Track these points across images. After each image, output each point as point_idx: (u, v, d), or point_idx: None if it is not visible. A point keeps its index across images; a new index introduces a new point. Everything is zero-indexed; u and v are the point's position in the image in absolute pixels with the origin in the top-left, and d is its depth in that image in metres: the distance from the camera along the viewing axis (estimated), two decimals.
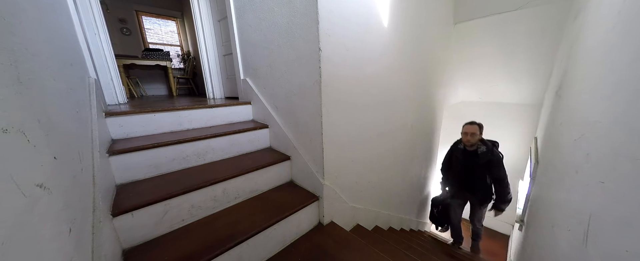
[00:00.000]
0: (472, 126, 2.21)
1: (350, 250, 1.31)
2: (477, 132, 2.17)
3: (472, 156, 2.23)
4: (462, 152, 2.32)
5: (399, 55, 1.80)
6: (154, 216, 1.10)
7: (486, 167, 2.16)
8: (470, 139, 2.19)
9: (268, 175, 1.55)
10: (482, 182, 2.23)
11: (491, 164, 2.13)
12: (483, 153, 2.16)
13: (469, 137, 2.19)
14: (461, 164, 2.33)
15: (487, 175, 2.20)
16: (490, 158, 2.11)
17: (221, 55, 2.48)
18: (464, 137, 2.24)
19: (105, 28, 1.70)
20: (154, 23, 4.34)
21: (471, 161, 2.23)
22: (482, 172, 2.20)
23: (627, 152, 0.55)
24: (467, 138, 2.20)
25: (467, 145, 2.23)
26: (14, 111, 0.49)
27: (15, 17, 0.59)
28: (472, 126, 2.20)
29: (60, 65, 0.85)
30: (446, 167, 2.62)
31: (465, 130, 2.23)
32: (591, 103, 0.84)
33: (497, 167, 2.13)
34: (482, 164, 2.15)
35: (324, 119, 1.33)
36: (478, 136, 2.19)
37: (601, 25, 0.91)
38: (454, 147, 2.44)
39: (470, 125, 2.22)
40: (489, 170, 2.17)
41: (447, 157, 2.55)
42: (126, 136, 1.42)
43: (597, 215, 0.66)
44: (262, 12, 1.49)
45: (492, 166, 2.14)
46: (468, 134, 2.19)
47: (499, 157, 2.14)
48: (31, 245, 0.47)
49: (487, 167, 2.16)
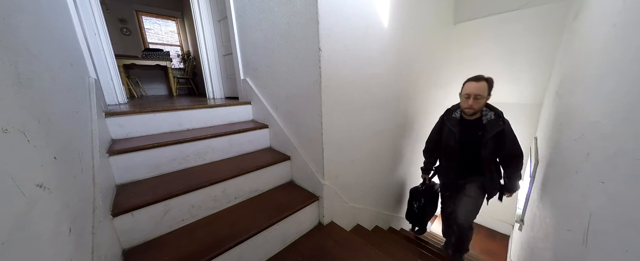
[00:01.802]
0: (478, 84, 1.43)
1: (350, 249, 1.31)
2: (484, 94, 1.44)
3: (474, 128, 1.55)
4: (459, 123, 1.62)
5: (399, 55, 1.80)
6: (154, 217, 1.10)
7: (496, 142, 1.50)
8: (474, 105, 1.46)
9: (268, 175, 1.55)
10: (489, 165, 1.58)
11: (504, 137, 1.48)
12: (491, 122, 1.49)
13: (471, 102, 1.46)
14: (457, 141, 1.62)
15: (495, 154, 1.56)
16: (503, 128, 1.47)
17: (221, 55, 2.48)
18: (465, 102, 1.49)
19: (105, 28, 1.70)
20: (154, 23, 4.34)
21: (473, 135, 1.55)
22: (491, 149, 1.52)
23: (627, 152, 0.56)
24: (469, 104, 1.47)
25: (467, 113, 1.54)
26: (14, 111, 0.49)
27: (16, 17, 0.59)
28: (479, 84, 1.43)
29: (60, 65, 0.85)
30: (433, 146, 1.87)
31: (468, 89, 1.46)
32: (591, 103, 0.84)
33: (511, 139, 1.51)
34: (491, 138, 1.49)
35: (324, 119, 1.33)
36: (485, 100, 1.48)
37: (601, 25, 0.91)
38: (445, 117, 1.72)
39: (475, 81, 1.45)
40: (501, 145, 1.51)
41: (435, 132, 1.83)
42: (126, 136, 1.42)
43: (597, 215, 0.66)
44: (262, 12, 1.49)
45: (505, 139, 1.48)
46: (471, 97, 1.45)
47: (510, 127, 1.52)
48: (31, 245, 0.47)
49: (498, 142, 1.50)
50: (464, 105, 1.51)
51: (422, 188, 2.07)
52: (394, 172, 2.26)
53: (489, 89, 1.46)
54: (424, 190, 2.06)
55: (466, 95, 1.48)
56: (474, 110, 1.50)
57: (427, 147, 1.93)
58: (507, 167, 1.60)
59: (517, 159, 1.55)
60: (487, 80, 1.46)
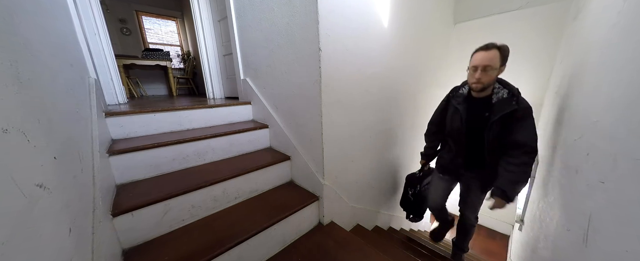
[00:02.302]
0: (487, 53, 1.19)
1: (350, 250, 1.31)
2: (495, 65, 1.18)
3: (481, 107, 1.29)
4: (466, 101, 1.37)
5: (399, 55, 1.80)
6: (154, 217, 1.10)
7: (503, 124, 1.23)
8: (482, 78, 1.21)
9: (268, 175, 1.55)
10: (493, 155, 1.31)
11: (514, 119, 1.20)
12: (502, 101, 1.23)
13: (478, 75, 1.21)
14: (463, 123, 1.37)
15: (501, 140, 1.26)
16: (515, 109, 1.18)
17: (221, 55, 2.48)
18: (472, 76, 1.24)
19: (105, 28, 1.70)
20: (154, 23, 4.34)
21: (480, 116, 1.29)
22: (496, 134, 1.26)
23: (627, 152, 0.56)
24: (476, 78, 1.22)
25: (474, 89, 1.28)
26: (14, 111, 0.49)
27: (16, 17, 0.59)
28: (489, 53, 1.18)
29: (60, 65, 0.85)
30: (436, 129, 1.62)
31: (475, 60, 1.22)
32: (591, 103, 0.84)
33: (525, 124, 1.20)
34: (498, 120, 1.23)
35: (324, 119, 1.33)
36: (497, 72, 1.21)
37: (601, 25, 0.91)
38: (451, 94, 1.48)
39: (484, 50, 1.20)
40: (509, 128, 1.22)
41: (438, 112, 1.58)
42: (126, 136, 1.42)
43: (597, 215, 0.66)
44: (262, 12, 1.49)
45: (515, 122, 1.20)
46: (478, 69, 1.21)
47: (530, 109, 1.20)
48: (31, 245, 0.47)
49: (506, 124, 1.22)
50: (471, 79, 1.26)
51: (420, 175, 1.88)
52: (395, 171, 2.26)
53: (502, 59, 1.19)
54: (421, 177, 1.87)
55: (473, 67, 1.23)
56: (482, 85, 1.23)
57: (428, 129, 1.70)
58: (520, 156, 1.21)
59: (531, 149, 1.19)
60: (499, 48, 1.17)
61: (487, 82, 1.22)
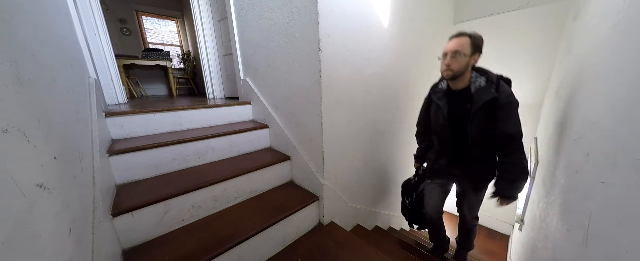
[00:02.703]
0: (457, 39, 1.16)
1: (350, 250, 1.31)
2: (466, 51, 1.13)
3: (461, 99, 1.23)
4: (445, 95, 1.31)
5: (399, 55, 1.80)
6: (154, 217, 1.10)
7: (487, 114, 1.16)
8: (452, 65, 1.16)
9: (268, 175, 1.55)
10: (479, 145, 1.24)
11: (496, 107, 1.14)
12: (480, 90, 1.17)
13: (448, 61, 1.17)
14: (444, 117, 1.30)
15: (487, 132, 1.19)
16: (495, 97, 1.12)
17: (221, 55, 2.48)
18: (442, 63, 1.21)
19: (105, 28, 1.70)
20: (154, 23, 4.34)
21: (462, 108, 1.22)
22: (480, 124, 1.18)
23: (627, 152, 0.55)
24: (445, 64, 1.18)
25: (445, 76, 1.23)
26: (14, 111, 0.49)
27: (16, 17, 0.59)
28: (458, 39, 1.15)
29: (60, 65, 0.85)
30: (424, 129, 1.56)
31: (445, 48, 1.20)
32: (591, 103, 0.83)
33: (506, 112, 1.14)
34: (480, 111, 1.16)
35: (324, 119, 1.33)
36: (467, 59, 1.15)
37: (601, 25, 0.91)
38: (432, 91, 1.41)
39: (455, 37, 1.18)
40: (493, 119, 1.16)
41: (423, 111, 1.53)
42: (126, 136, 1.42)
43: (597, 215, 0.66)
44: (262, 12, 1.49)
45: (497, 111, 1.14)
46: (448, 56, 1.17)
47: (511, 97, 1.15)
48: (31, 245, 0.47)
49: (489, 114, 1.16)
50: (441, 67, 1.21)
51: (414, 180, 1.76)
52: (395, 172, 2.26)
53: (474, 47, 1.14)
54: (416, 183, 1.75)
55: (443, 54, 1.20)
56: (452, 73, 1.17)
57: (417, 130, 1.64)
58: (506, 148, 1.19)
59: (512, 138, 1.15)
60: (470, 36, 1.14)
61: (457, 69, 1.16)
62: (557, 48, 2.08)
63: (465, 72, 1.19)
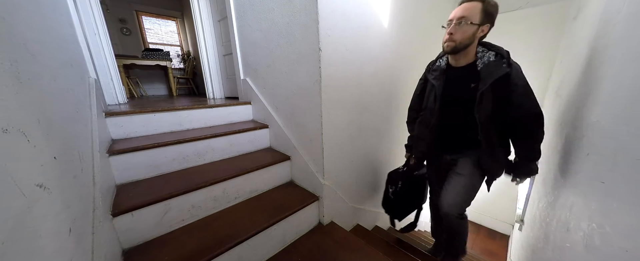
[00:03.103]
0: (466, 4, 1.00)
1: (350, 250, 1.31)
2: (474, 19, 0.98)
3: (465, 78, 1.06)
4: (444, 74, 1.15)
5: (399, 55, 1.80)
6: (154, 217, 1.10)
7: (498, 96, 0.99)
8: (455, 34, 1.01)
9: (268, 175, 1.54)
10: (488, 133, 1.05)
11: (510, 87, 0.97)
12: (489, 65, 0.99)
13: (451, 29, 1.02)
14: (439, 98, 1.15)
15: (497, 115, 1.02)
16: (507, 73, 0.96)
17: (221, 55, 2.48)
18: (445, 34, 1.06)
19: (105, 28, 1.70)
20: (154, 23, 4.34)
21: (464, 89, 1.06)
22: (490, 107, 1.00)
23: (627, 152, 0.56)
24: (448, 33, 1.03)
25: (446, 48, 1.06)
26: (14, 111, 0.49)
27: (16, 17, 0.59)
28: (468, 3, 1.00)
29: (60, 65, 0.86)
30: (416, 115, 1.36)
31: (451, 14, 1.04)
32: (591, 103, 0.84)
33: (525, 89, 0.99)
34: (489, 90, 0.98)
35: (324, 119, 1.33)
36: (474, 29, 0.99)
37: (602, 25, 0.91)
38: (427, 70, 1.27)
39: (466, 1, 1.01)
40: (506, 100, 0.99)
41: (416, 94, 1.37)
42: (126, 136, 1.42)
43: (597, 215, 0.66)
44: (262, 12, 1.49)
45: (512, 90, 0.97)
46: (453, 22, 1.01)
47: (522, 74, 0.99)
48: (31, 245, 0.47)
49: (501, 96, 0.99)
50: (444, 38, 1.04)
51: (403, 170, 1.58)
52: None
53: (485, 15, 0.97)
54: (404, 172, 1.56)
55: (448, 21, 1.02)
56: (454, 44, 1.00)
57: (409, 116, 1.44)
58: (519, 136, 1.06)
59: (533, 120, 1.00)
60: (482, 1, 0.97)
61: (459, 39, 0.99)
62: (557, 48, 2.08)
63: (470, 45, 1.02)
